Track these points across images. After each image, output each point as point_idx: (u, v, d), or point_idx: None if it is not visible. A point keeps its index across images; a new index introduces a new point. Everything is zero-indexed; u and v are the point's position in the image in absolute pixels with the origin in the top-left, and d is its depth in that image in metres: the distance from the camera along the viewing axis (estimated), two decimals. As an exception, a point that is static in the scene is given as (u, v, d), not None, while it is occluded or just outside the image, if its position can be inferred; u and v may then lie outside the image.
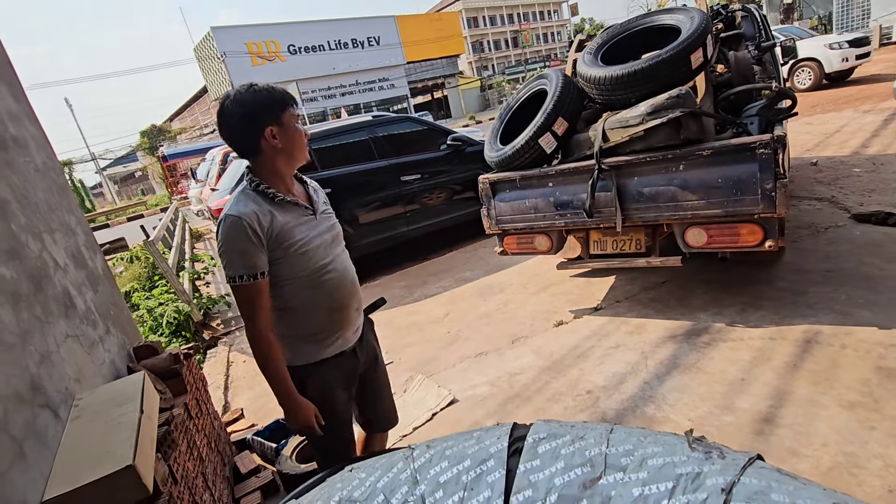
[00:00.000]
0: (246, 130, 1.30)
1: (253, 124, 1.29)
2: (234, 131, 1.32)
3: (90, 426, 1.32)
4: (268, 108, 1.29)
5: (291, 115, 1.34)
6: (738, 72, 3.24)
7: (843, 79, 10.58)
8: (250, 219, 1.27)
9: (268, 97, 1.29)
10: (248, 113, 1.28)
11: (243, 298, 1.30)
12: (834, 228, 3.57)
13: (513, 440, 0.67)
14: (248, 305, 1.30)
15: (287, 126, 1.32)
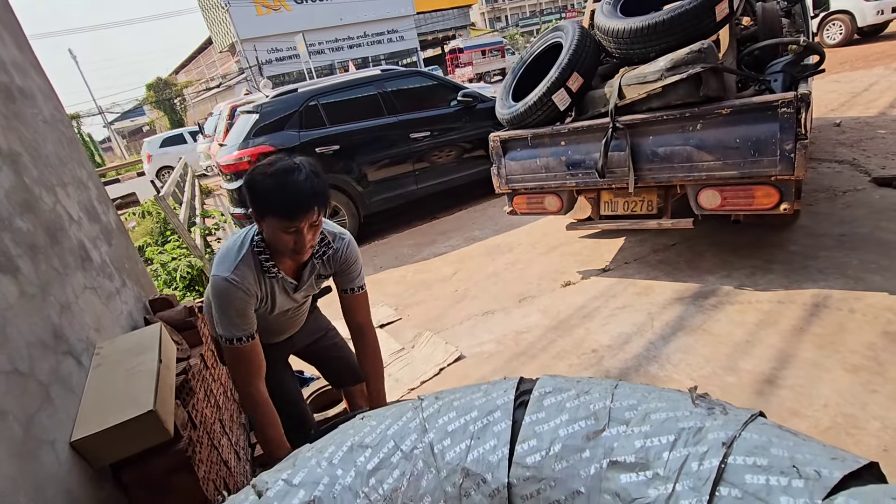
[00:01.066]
0: (252, 204, 1.29)
1: (255, 207, 1.28)
2: (245, 197, 1.31)
3: (112, 373, 1.38)
4: (255, 202, 1.27)
5: (271, 225, 1.29)
6: (764, 25, 3.08)
7: (877, 33, 10.01)
8: (248, 285, 1.35)
9: (262, 193, 1.25)
10: (250, 192, 1.27)
11: (238, 358, 1.35)
12: (852, 192, 3.49)
13: (519, 393, 0.69)
14: (243, 365, 1.35)
15: (266, 227, 1.31)
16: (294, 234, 1.27)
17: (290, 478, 0.71)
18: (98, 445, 1.18)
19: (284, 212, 1.23)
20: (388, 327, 3.18)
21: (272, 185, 1.20)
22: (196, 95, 31.42)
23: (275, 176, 1.20)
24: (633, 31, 2.57)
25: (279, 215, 1.24)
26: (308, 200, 1.21)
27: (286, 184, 1.19)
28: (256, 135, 4.57)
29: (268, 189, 1.21)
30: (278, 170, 1.21)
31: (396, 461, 0.63)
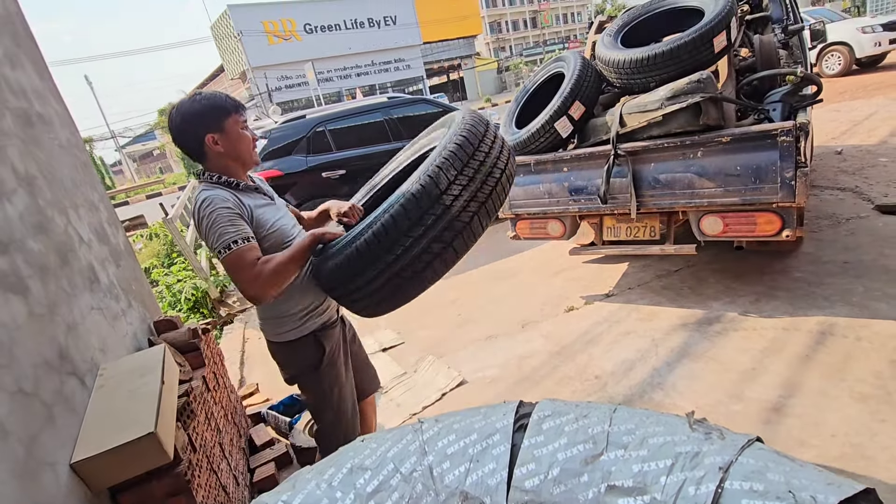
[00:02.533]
0: (189, 138, 1.36)
1: (195, 132, 1.35)
2: (177, 138, 1.38)
3: (114, 394, 1.38)
4: (207, 117, 1.35)
5: (235, 122, 1.38)
6: (762, 56, 3.15)
7: (875, 64, 10.18)
8: (226, 196, 1.32)
9: (208, 105, 1.35)
10: (188, 121, 1.34)
11: (239, 264, 1.25)
12: (856, 219, 3.49)
13: (518, 417, 0.69)
14: (246, 268, 1.25)
15: (229, 132, 1.37)
16: (246, 128, 1.41)
17: (289, 500, 0.71)
18: (98, 467, 1.17)
19: (235, 105, 1.38)
20: (391, 351, 3.17)
21: (210, 97, 1.36)
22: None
23: (200, 96, 1.36)
24: (634, 62, 2.64)
25: (236, 109, 1.38)
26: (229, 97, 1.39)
27: (201, 95, 1.36)
28: (265, 159, 4.66)
29: (211, 100, 1.35)
30: (195, 94, 1.36)
31: (396, 484, 0.63)
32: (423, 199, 1.22)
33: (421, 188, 1.22)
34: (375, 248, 1.24)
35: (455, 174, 1.24)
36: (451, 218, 1.23)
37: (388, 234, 1.23)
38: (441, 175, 1.23)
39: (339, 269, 1.30)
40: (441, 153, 1.27)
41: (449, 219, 1.23)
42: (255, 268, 1.25)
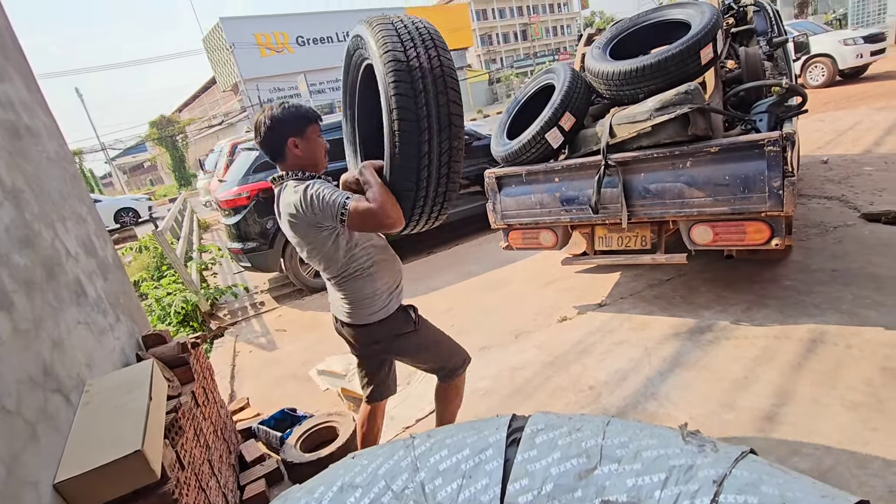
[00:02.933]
0: (274, 139, 1.54)
1: (280, 135, 1.53)
2: (264, 138, 1.55)
3: (100, 411, 1.36)
4: (292, 123, 1.53)
5: (314, 130, 1.58)
6: (748, 68, 3.21)
7: (858, 75, 10.41)
8: (321, 179, 1.55)
9: (294, 114, 1.54)
10: (276, 125, 1.52)
11: (362, 209, 1.39)
12: (843, 227, 3.54)
13: (511, 431, 0.68)
14: (370, 208, 1.38)
15: (308, 138, 1.57)
16: (321, 136, 1.60)
17: (278, 520, 0.69)
18: (82, 487, 1.15)
19: (315, 116, 1.58)
20: (384, 363, 3.14)
21: (296, 107, 1.55)
22: (198, 132, 32.03)
23: (288, 105, 1.55)
24: (622, 74, 2.67)
25: (316, 119, 1.58)
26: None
27: (298, 104, 1.57)
28: (257, 171, 4.64)
29: (297, 110, 1.54)
30: (282, 104, 1.55)
31: (387, 501, 0.62)
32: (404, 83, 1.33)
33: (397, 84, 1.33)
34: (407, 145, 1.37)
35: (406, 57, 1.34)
36: (434, 78, 1.35)
37: (408, 122, 1.35)
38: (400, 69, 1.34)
39: (401, 175, 1.42)
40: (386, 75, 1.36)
41: (433, 79, 1.35)
42: (375, 204, 1.39)
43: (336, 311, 1.74)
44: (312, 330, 3.97)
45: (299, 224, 1.51)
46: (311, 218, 1.47)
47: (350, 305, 1.66)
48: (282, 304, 4.80)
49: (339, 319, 1.75)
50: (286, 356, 3.61)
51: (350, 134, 2.00)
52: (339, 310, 1.71)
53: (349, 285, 1.63)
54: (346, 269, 1.61)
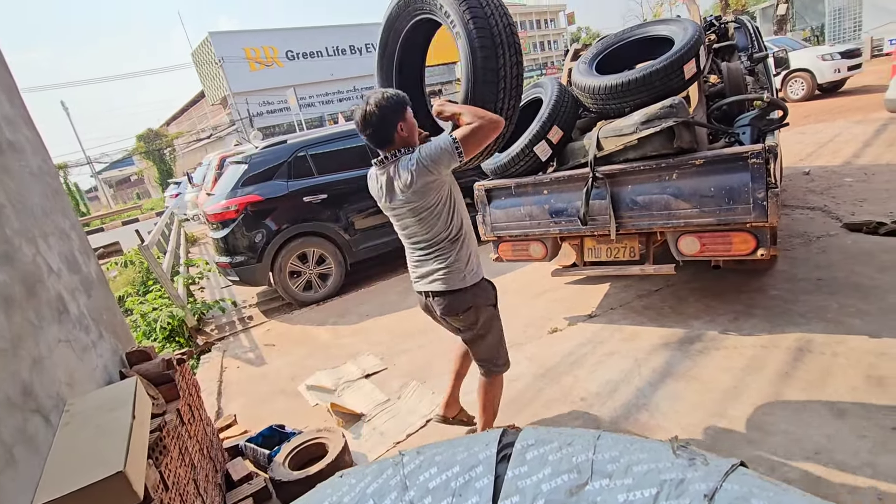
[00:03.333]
0: (386, 125, 1.68)
1: (391, 121, 1.68)
2: (377, 126, 1.68)
3: (81, 432, 1.32)
4: (397, 110, 1.69)
5: (409, 112, 1.73)
6: (730, 82, 3.28)
7: (836, 89, 10.70)
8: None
9: (395, 101, 1.69)
10: (386, 114, 1.67)
11: (467, 131, 1.64)
12: (826, 237, 3.61)
13: (501, 446, 0.67)
14: (470, 127, 1.65)
15: (408, 120, 1.73)
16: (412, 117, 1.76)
17: (264, 543, 0.67)
18: (61, 511, 1.11)
19: (408, 99, 1.73)
20: (374, 377, 3.11)
21: (394, 94, 1.69)
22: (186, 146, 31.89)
23: (388, 93, 1.68)
24: (608, 88, 2.71)
25: (409, 103, 1.73)
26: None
27: (395, 91, 1.72)
28: (245, 184, 4.62)
29: (396, 96, 1.69)
30: (382, 92, 1.69)
31: (376, 522, 0.61)
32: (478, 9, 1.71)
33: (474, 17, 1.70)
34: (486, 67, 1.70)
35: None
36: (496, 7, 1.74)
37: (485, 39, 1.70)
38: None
39: (484, 89, 1.75)
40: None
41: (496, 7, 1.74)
42: (475, 121, 1.65)
43: (428, 286, 1.87)
44: (302, 344, 3.92)
45: (418, 191, 1.68)
46: (432, 175, 1.66)
47: (448, 273, 1.81)
48: (270, 318, 4.75)
49: (430, 294, 1.88)
50: (275, 371, 3.56)
51: (385, 80, 2.32)
52: (432, 282, 1.85)
53: (451, 251, 1.80)
54: (448, 233, 1.79)
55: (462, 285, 1.82)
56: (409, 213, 1.76)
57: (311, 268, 4.79)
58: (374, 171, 1.82)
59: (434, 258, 1.82)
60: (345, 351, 3.61)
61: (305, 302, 4.79)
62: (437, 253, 1.81)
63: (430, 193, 1.70)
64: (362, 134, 1.73)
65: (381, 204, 1.84)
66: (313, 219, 4.73)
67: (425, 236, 1.80)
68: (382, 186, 1.77)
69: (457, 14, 1.71)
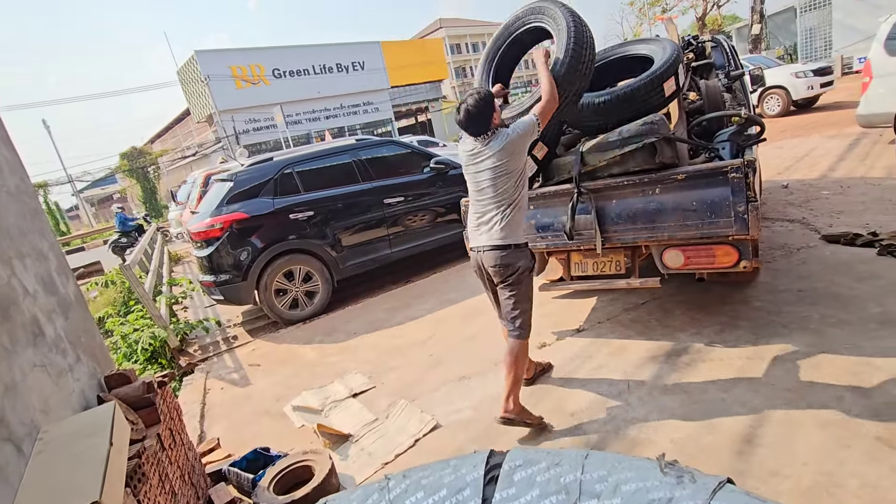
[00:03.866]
0: (487, 113, 2.23)
1: (490, 110, 2.24)
2: (479, 115, 2.22)
3: (55, 460, 1.27)
4: (492, 102, 2.25)
5: (496, 103, 2.31)
6: (709, 99, 3.37)
7: (810, 105, 11.06)
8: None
9: (488, 94, 2.26)
10: (485, 105, 2.22)
11: (543, 107, 2.33)
12: (806, 249, 3.68)
13: (489, 468, 0.66)
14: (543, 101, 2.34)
15: (496, 109, 2.28)
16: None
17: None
18: (31, 546, 1.06)
19: (493, 94, 2.37)
20: (361, 396, 3.06)
21: (485, 90, 2.30)
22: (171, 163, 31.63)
23: (483, 90, 2.29)
24: (591, 106, 2.77)
25: (495, 96, 2.39)
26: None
27: (482, 90, 2.30)
28: (230, 202, 4.58)
29: (487, 93, 2.27)
30: (476, 92, 2.27)
31: (361, 550, 0.59)
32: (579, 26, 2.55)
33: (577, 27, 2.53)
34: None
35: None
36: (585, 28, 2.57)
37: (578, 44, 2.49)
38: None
39: (568, 72, 2.48)
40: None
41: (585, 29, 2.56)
42: (547, 95, 2.34)
43: (485, 240, 2.31)
44: (287, 364, 3.85)
45: (510, 153, 2.20)
46: (520, 144, 2.22)
47: (505, 229, 2.26)
48: (256, 337, 4.67)
49: (485, 248, 2.32)
50: (259, 392, 3.48)
51: (488, 71, 2.97)
52: (490, 236, 2.29)
53: (511, 212, 2.26)
54: (515, 197, 2.26)
55: (514, 241, 2.27)
56: (490, 171, 2.24)
57: (298, 285, 4.74)
58: (470, 140, 2.32)
59: (497, 213, 2.27)
60: (332, 370, 3.56)
61: (292, 320, 4.72)
62: (500, 210, 2.26)
63: (515, 159, 2.22)
64: (466, 127, 2.26)
65: (469, 166, 2.34)
66: (300, 236, 4.70)
67: (494, 193, 2.25)
68: (479, 148, 2.27)
69: (564, 19, 2.53)
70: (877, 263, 3.22)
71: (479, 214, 2.37)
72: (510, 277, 2.30)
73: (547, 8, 2.65)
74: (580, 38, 2.46)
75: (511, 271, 2.29)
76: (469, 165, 2.35)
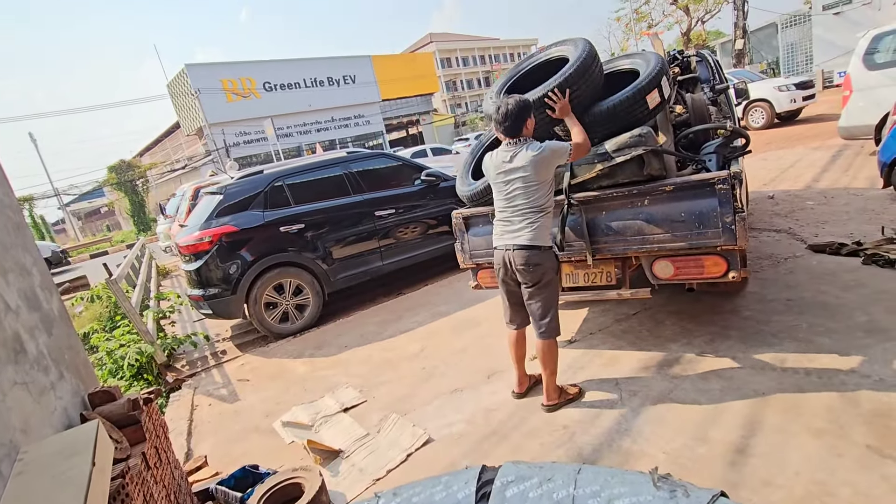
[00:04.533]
0: (523, 117, 2.37)
1: (527, 114, 2.38)
2: (516, 118, 2.35)
3: (35, 482, 1.23)
4: (528, 108, 2.39)
5: (532, 116, 2.42)
6: (695, 112, 3.42)
7: (793, 118, 11.31)
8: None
9: (526, 101, 2.40)
10: (522, 110, 2.36)
11: (576, 145, 2.41)
12: (793, 259, 3.73)
13: (481, 484, 0.65)
14: (572, 143, 2.42)
15: (532, 116, 2.41)
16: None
17: None
18: (8, 572, 1.02)
19: (530, 102, 2.47)
20: (353, 411, 3.02)
21: (523, 99, 2.42)
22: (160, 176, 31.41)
23: (518, 99, 2.39)
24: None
25: (532, 104, 2.47)
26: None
27: (519, 97, 2.43)
28: (220, 215, 4.55)
29: (524, 101, 2.41)
30: (513, 98, 2.39)
31: (350, 572, 0.57)
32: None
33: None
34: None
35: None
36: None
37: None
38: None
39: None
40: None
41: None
42: (581, 140, 2.41)
43: (513, 240, 2.42)
44: (278, 378, 3.80)
45: (538, 165, 2.31)
46: (552, 160, 2.34)
47: (534, 231, 2.37)
48: (245, 351, 4.60)
49: (513, 247, 2.41)
50: (248, 408, 3.42)
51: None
52: (519, 237, 2.40)
53: (540, 217, 2.38)
54: (544, 204, 2.40)
55: (541, 244, 2.39)
56: (521, 180, 2.35)
57: (288, 299, 4.69)
58: (500, 149, 2.44)
59: (526, 219, 2.39)
60: (322, 384, 3.51)
61: (282, 334, 4.67)
62: (530, 216, 2.38)
63: (543, 170, 2.34)
64: (501, 124, 2.37)
65: (495, 173, 2.44)
66: (290, 249, 4.67)
67: (525, 201, 2.37)
68: (509, 158, 2.38)
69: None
70: (862, 272, 3.27)
71: (506, 222, 2.47)
72: (539, 279, 2.41)
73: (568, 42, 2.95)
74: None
75: (540, 272, 2.40)
76: (499, 175, 2.43)
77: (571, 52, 2.82)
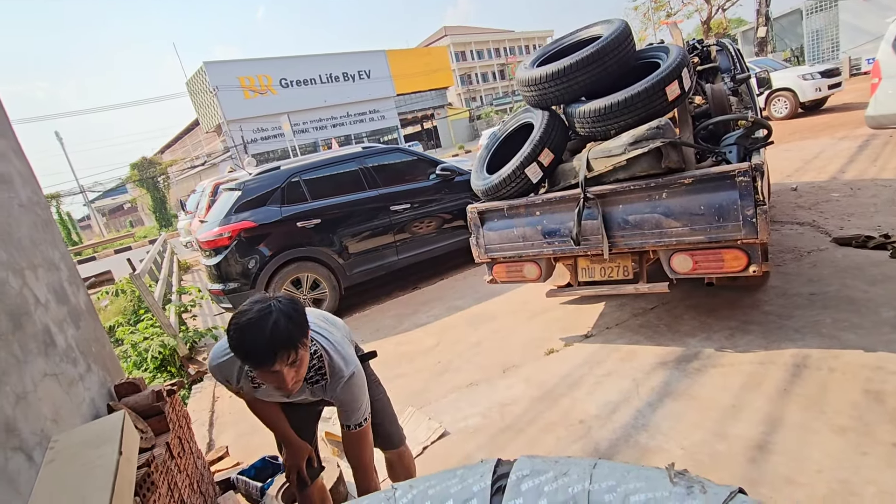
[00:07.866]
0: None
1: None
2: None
3: (65, 470, 1.28)
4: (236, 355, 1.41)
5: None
6: (714, 103, 3.35)
7: (818, 107, 10.96)
8: (226, 377, 1.55)
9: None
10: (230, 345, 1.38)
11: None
12: (816, 252, 3.64)
13: (496, 477, 0.65)
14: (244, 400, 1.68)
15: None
16: (271, 374, 1.27)
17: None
18: (41, 555, 1.06)
19: (250, 363, 1.28)
20: (369, 404, 3.05)
21: (235, 341, 1.24)
22: (180, 173, 32.00)
23: (238, 330, 1.23)
24: (595, 111, 2.76)
25: (247, 364, 1.32)
26: (268, 353, 1.22)
27: (243, 341, 1.23)
28: (238, 210, 4.62)
29: (232, 341, 1.25)
30: (240, 324, 1.23)
31: (368, 561, 0.59)
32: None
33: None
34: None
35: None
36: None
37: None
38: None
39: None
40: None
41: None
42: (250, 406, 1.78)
43: None
44: (295, 371, 3.86)
45: None
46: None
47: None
48: (264, 345, 4.68)
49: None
50: (268, 400, 3.48)
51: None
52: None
53: None
54: None
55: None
56: None
57: (306, 293, 4.76)
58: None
59: None
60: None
61: (299, 328, 4.73)
62: None
63: None
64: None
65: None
66: (307, 243, 4.72)
67: None
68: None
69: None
70: (890, 266, 3.17)
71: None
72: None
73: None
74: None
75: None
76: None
77: (606, 29, 2.88)
